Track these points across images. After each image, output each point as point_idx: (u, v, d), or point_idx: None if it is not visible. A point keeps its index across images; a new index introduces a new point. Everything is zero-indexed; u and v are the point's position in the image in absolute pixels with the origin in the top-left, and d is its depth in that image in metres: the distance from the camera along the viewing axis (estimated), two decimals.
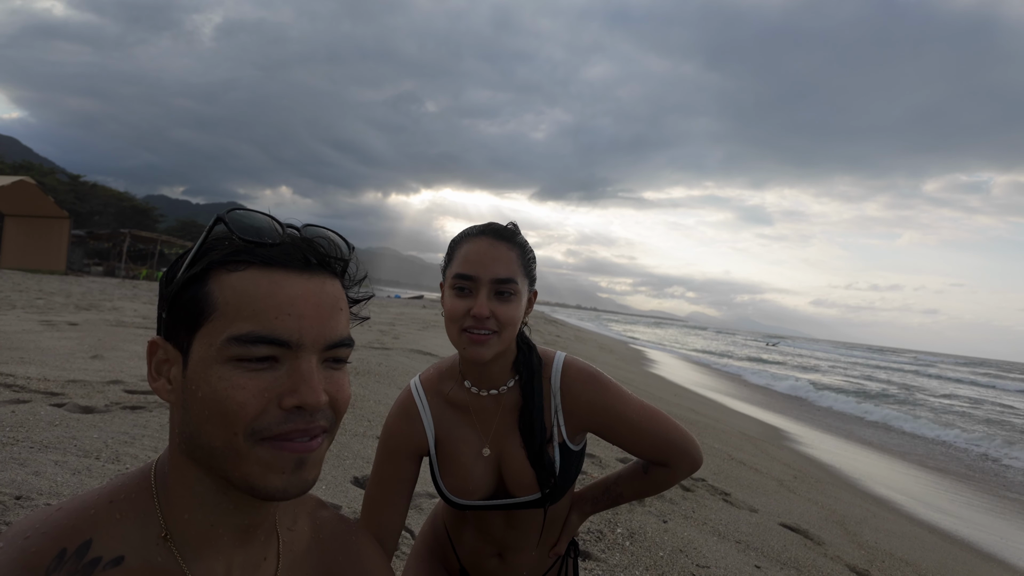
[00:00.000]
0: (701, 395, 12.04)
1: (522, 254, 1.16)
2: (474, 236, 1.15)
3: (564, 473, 1.20)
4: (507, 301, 1.11)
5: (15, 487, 2.37)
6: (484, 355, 1.11)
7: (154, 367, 0.65)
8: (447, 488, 1.22)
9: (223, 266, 0.62)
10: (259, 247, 0.63)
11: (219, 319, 0.60)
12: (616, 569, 2.76)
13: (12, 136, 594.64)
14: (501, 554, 1.32)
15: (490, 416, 1.21)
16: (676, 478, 1.27)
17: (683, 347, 36.45)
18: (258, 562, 0.71)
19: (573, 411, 1.21)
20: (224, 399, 0.59)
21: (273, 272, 0.62)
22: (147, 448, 3.13)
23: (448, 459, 1.21)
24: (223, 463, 0.61)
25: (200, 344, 0.61)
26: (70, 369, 4.70)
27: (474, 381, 1.21)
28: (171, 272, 0.66)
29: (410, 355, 8.33)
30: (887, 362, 54.07)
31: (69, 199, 37.33)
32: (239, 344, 0.59)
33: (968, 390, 27.17)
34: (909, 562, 3.92)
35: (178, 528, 0.65)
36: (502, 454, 1.21)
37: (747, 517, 3.99)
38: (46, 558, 0.58)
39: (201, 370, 0.61)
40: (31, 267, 23.64)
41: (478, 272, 1.10)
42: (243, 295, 0.61)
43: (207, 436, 0.61)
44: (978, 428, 13.32)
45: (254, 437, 0.60)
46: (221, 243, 0.64)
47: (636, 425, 1.20)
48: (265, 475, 0.61)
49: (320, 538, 0.81)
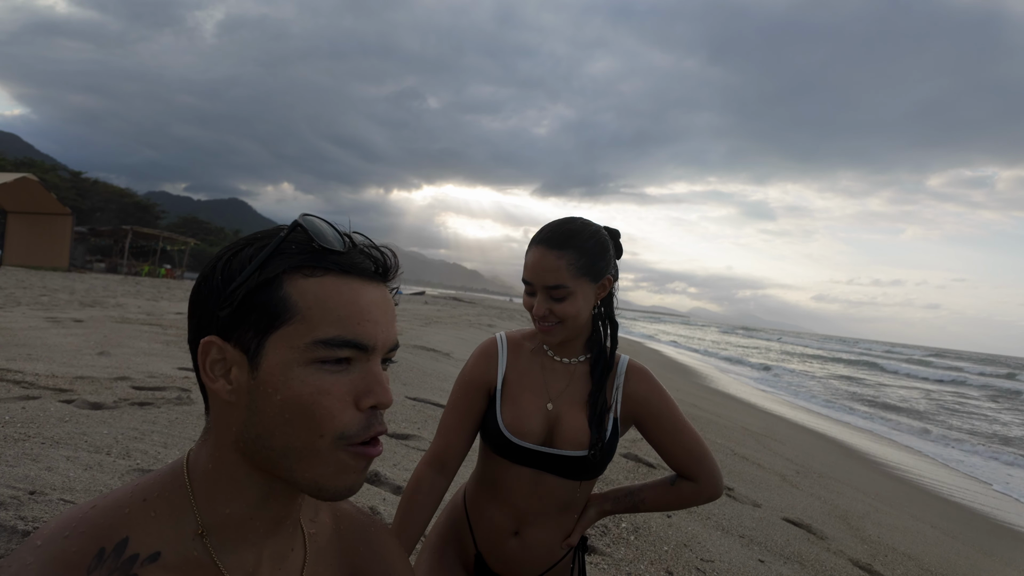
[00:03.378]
0: (699, 389, 12.07)
1: (578, 256, 1.27)
2: (533, 245, 1.31)
3: (610, 443, 1.33)
4: (561, 301, 1.27)
5: (28, 482, 2.40)
6: (551, 341, 1.33)
7: (208, 366, 0.64)
8: (505, 422, 1.33)
9: (299, 271, 0.63)
10: (333, 255, 0.65)
11: (301, 323, 0.62)
12: (621, 563, 2.79)
13: (14, 133, 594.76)
14: (519, 531, 1.36)
15: (560, 379, 1.37)
16: (700, 498, 1.38)
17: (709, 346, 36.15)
18: (286, 553, 0.73)
19: (629, 397, 1.37)
20: (311, 404, 0.61)
21: (351, 280, 0.65)
22: (156, 444, 3.16)
23: (511, 400, 1.35)
24: (296, 463, 0.63)
25: (278, 347, 0.62)
26: (77, 365, 4.73)
27: (552, 348, 1.39)
28: (228, 272, 0.64)
29: (414, 351, 8.37)
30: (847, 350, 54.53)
31: (71, 196, 37.35)
32: (326, 347, 0.62)
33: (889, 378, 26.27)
34: (912, 556, 3.94)
35: (216, 523, 0.66)
36: (562, 414, 1.33)
37: (750, 512, 4.01)
38: (87, 557, 0.59)
39: (280, 372, 0.61)
40: (34, 264, 23.70)
41: (533, 279, 1.29)
42: (326, 301, 0.63)
43: (284, 437, 0.62)
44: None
45: (341, 442, 0.63)
46: (289, 247, 0.65)
47: (678, 428, 1.36)
48: (338, 476, 0.63)
49: (341, 530, 0.83)
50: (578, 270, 1.27)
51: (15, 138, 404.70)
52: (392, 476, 3.29)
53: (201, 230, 54.21)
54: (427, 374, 6.74)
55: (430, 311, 20.87)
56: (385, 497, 3.00)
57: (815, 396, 15.26)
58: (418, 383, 6.06)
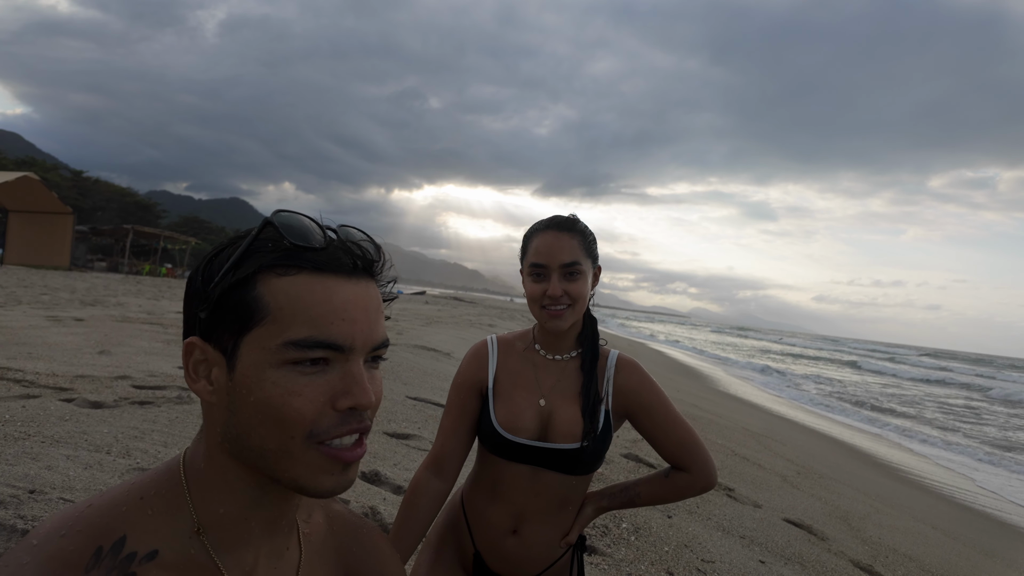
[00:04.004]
0: (700, 390, 12.06)
1: (583, 239, 1.36)
2: (541, 230, 1.36)
3: (603, 435, 1.34)
4: (575, 280, 1.33)
5: (28, 481, 2.40)
6: (562, 326, 1.34)
7: (191, 367, 0.64)
8: (499, 419, 1.35)
9: (271, 270, 0.62)
10: (308, 251, 0.63)
11: (272, 323, 0.61)
12: (622, 563, 2.78)
13: (16, 132, 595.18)
14: (517, 530, 1.37)
15: (551, 376, 1.40)
16: (694, 488, 1.39)
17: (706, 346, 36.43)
18: (282, 551, 0.73)
19: (620, 390, 1.39)
20: (281, 405, 0.60)
21: (325, 277, 0.63)
22: (156, 443, 3.16)
23: (504, 397, 1.38)
24: (274, 464, 0.62)
25: (251, 348, 0.61)
26: (78, 364, 4.73)
27: (543, 346, 1.42)
28: (208, 272, 0.64)
29: (415, 351, 8.37)
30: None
31: (72, 195, 37.38)
32: (297, 348, 0.60)
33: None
34: (913, 557, 3.94)
35: (212, 521, 0.66)
36: (554, 409, 1.36)
37: (751, 513, 4.01)
38: (84, 556, 0.59)
39: (253, 373, 0.61)
40: (35, 263, 23.73)
41: (548, 260, 1.32)
42: (298, 300, 0.61)
43: (259, 438, 0.62)
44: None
45: (311, 440, 0.62)
46: (264, 245, 0.63)
47: (669, 420, 1.38)
48: (316, 476, 0.63)
49: (334, 530, 0.83)
50: (584, 251, 1.35)
51: (17, 137, 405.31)
52: (392, 476, 3.29)
53: (202, 229, 54.27)
54: (427, 374, 6.74)
55: (431, 311, 20.88)
56: (385, 497, 3.00)
57: (815, 396, 15.26)
58: (418, 383, 6.06)
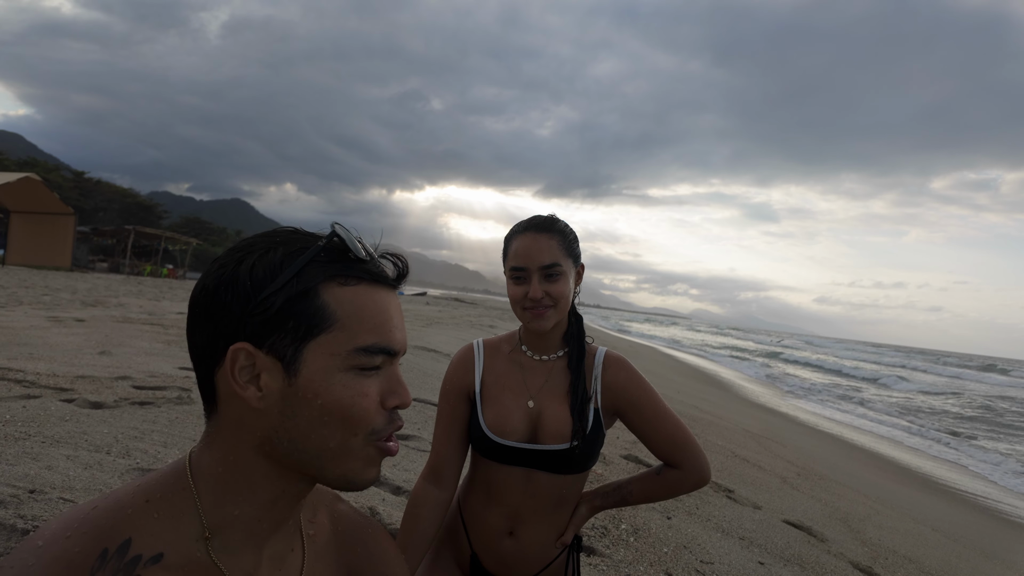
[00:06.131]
0: (700, 390, 12.05)
1: (563, 239, 1.35)
2: (520, 233, 1.36)
3: (593, 433, 1.34)
4: (555, 281, 1.32)
5: (28, 481, 2.40)
6: (545, 326, 1.34)
7: (236, 373, 0.64)
8: (487, 423, 1.35)
9: (333, 280, 0.66)
10: (363, 263, 0.68)
11: (340, 331, 0.65)
12: (620, 565, 2.78)
13: (18, 133, 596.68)
14: (513, 531, 1.37)
15: (539, 376, 1.39)
16: (686, 484, 1.38)
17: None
18: (285, 553, 0.74)
19: (609, 387, 1.38)
20: (351, 406, 0.66)
21: (379, 288, 0.69)
22: (156, 443, 3.17)
23: (492, 400, 1.38)
24: (328, 462, 0.67)
25: (317, 353, 0.64)
26: (78, 365, 4.74)
27: (530, 347, 1.42)
28: (256, 278, 0.64)
29: (415, 352, 8.37)
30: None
31: (74, 196, 37.47)
32: (366, 354, 0.66)
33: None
34: (913, 559, 3.93)
35: (221, 524, 0.66)
36: (543, 409, 1.35)
37: (750, 514, 4.01)
38: (90, 558, 0.59)
39: (321, 378, 0.64)
40: (37, 263, 23.76)
41: (527, 263, 1.32)
42: (362, 309, 0.67)
43: (320, 439, 0.65)
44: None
45: (372, 437, 0.68)
46: (319, 255, 0.67)
47: (659, 416, 1.37)
48: (365, 469, 0.69)
49: (338, 530, 0.84)
50: (564, 251, 1.35)
51: (19, 138, 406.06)
52: (392, 476, 3.29)
53: (204, 230, 54.34)
54: (428, 375, 6.74)
55: (432, 312, 20.88)
56: (384, 497, 3.00)
57: (814, 397, 15.24)
58: (419, 384, 6.07)
